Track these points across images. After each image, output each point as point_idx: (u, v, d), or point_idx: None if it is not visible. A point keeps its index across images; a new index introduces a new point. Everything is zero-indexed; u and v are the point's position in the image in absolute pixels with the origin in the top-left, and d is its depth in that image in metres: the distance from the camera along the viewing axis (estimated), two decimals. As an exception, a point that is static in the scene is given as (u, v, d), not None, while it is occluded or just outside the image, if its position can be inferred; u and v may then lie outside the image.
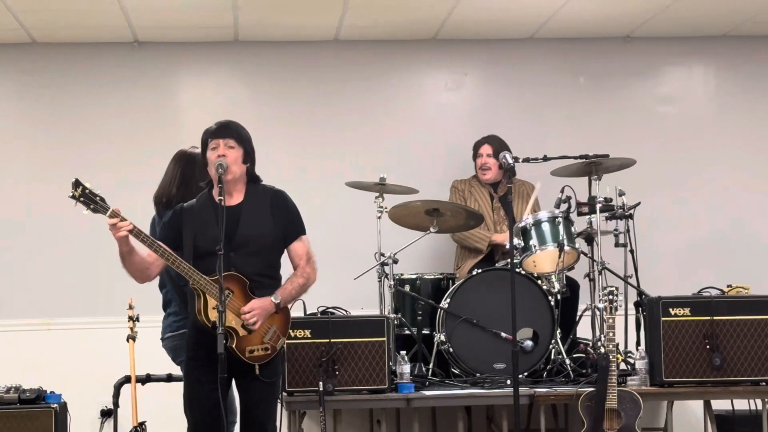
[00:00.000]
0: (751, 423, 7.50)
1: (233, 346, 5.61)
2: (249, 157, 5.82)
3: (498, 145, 8.20)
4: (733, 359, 7.19)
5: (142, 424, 7.06)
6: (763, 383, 7.22)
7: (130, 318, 7.12)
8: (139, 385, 7.17)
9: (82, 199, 5.54)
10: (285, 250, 5.89)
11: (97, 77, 8.84)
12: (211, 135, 5.80)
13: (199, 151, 5.99)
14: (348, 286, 7.90)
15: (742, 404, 7.78)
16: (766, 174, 9.05)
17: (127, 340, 7.08)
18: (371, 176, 7.90)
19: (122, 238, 5.56)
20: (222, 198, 5.61)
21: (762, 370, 7.19)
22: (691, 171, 9.03)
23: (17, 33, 8.45)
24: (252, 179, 5.88)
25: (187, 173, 6.38)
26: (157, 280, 6.27)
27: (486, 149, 8.30)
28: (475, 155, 8.37)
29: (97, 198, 5.56)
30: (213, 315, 5.54)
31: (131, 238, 5.61)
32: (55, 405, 6.94)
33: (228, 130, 5.81)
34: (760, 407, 7.34)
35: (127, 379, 7.30)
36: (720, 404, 7.81)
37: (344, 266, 7.95)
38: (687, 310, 7.23)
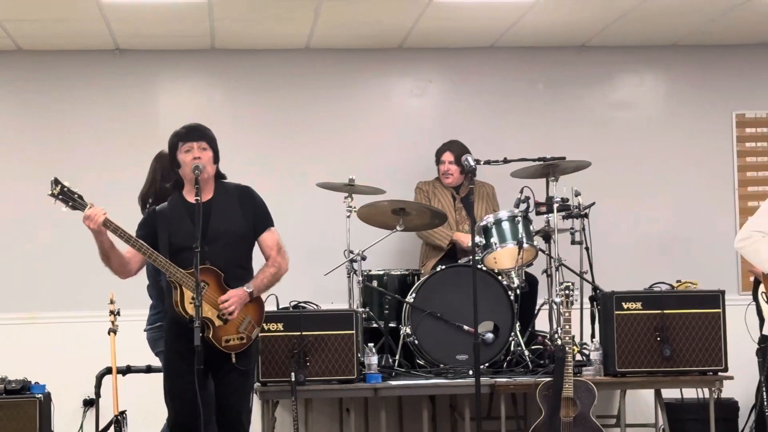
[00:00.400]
0: (699, 411, 7.56)
1: (210, 336, 5.62)
2: (217, 156, 5.86)
3: (459, 151, 8.19)
4: (682, 350, 7.24)
5: (122, 413, 7.05)
6: (710, 373, 7.28)
7: (111, 312, 7.11)
8: (119, 376, 7.16)
9: (60, 196, 5.57)
10: (256, 243, 5.92)
11: (80, 83, 8.81)
12: (182, 138, 5.82)
13: None
14: (319, 282, 7.92)
15: (690, 393, 7.83)
16: (712, 176, 9.10)
17: (109, 333, 7.07)
18: (341, 177, 7.92)
19: (100, 232, 5.56)
20: (199, 198, 5.63)
21: (709, 361, 7.25)
22: (643, 173, 9.07)
23: (3, 41, 8.42)
24: (218, 176, 5.91)
25: (165, 172, 6.38)
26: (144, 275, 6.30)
27: (447, 156, 8.31)
28: (438, 161, 8.39)
29: (75, 195, 5.57)
30: (190, 307, 5.56)
31: (112, 238, 5.62)
32: (40, 395, 6.94)
33: (199, 133, 5.84)
34: (707, 396, 7.40)
35: (108, 371, 7.29)
36: (670, 393, 7.86)
37: (315, 263, 7.97)
38: (639, 304, 7.29)
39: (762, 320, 7.41)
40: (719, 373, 7.29)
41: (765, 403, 6.85)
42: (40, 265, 8.61)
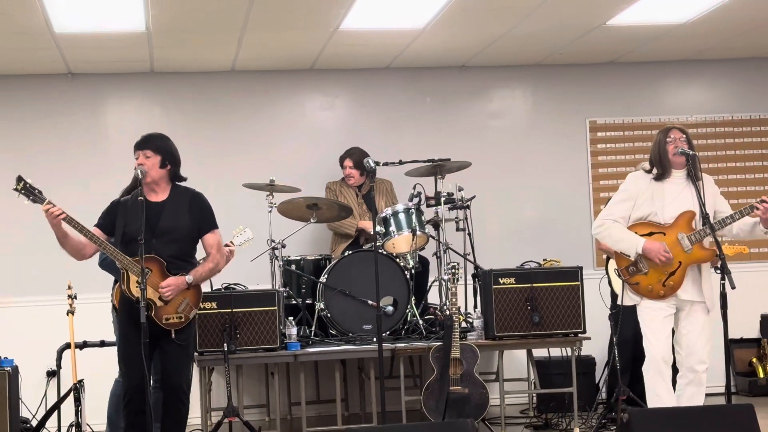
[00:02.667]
0: (563, 366, 7.63)
1: (152, 314, 5.60)
2: (167, 162, 5.79)
3: (358, 157, 8.18)
4: (548, 317, 7.31)
5: (80, 381, 6.96)
6: (572, 335, 7.36)
7: (69, 296, 6.99)
8: (77, 350, 7.05)
9: (23, 191, 5.52)
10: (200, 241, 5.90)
11: (38, 102, 8.64)
12: (135, 147, 5.82)
13: None
14: (246, 266, 7.86)
15: (556, 351, 7.91)
16: (571, 172, 9.17)
17: (67, 314, 6.96)
18: (263, 178, 7.87)
19: (57, 224, 5.52)
20: (142, 196, 5.61)
21: (570, 325, 7.33)
22: (514, 171, 9.13)
23: (-30, 67, 8.27)
24: (176, 179, 5.84)
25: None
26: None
27: (348, 163, 8.31)
28: (341, 166, 8.38)
29: (36, 191, 5.53)
30: (135, 290, 5.54)
31: (66, 227, 5.58)
32: (9, 368, 6.79)
33: (145, 143, 5.80)
34: (569, 353, 7.48)
35: (67, 346, 7.18)
36: (539, 352, 7.93)
37: (243, 251, 7.90)
38: (512, 280, 7.33)
39: (613, 291, 7.51)
40: (579, 335, 7.37)
41: (616, 358, 6.96)
42: (9, 258, 8.45)
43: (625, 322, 6.55)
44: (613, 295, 7.51)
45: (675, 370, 6.10)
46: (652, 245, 5.97)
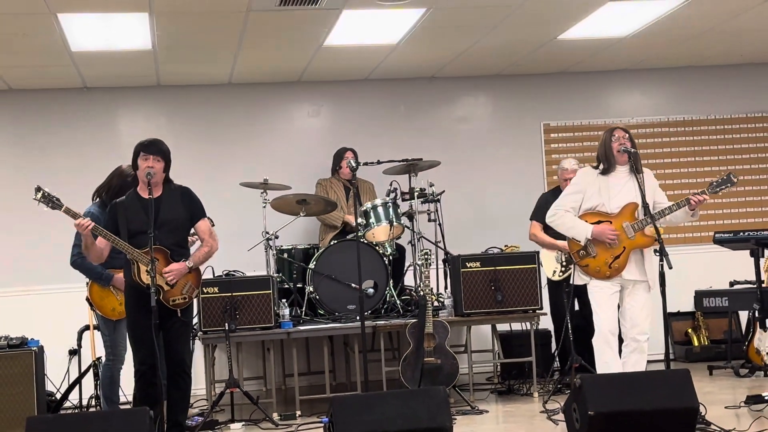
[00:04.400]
0: (523, 338, 7.65)
1: (161, 298, 5.59)
2: (168, 166, 5.79)
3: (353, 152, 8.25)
4: (510, 296, 7.33)
5: (98, 359, 6.94)
6: (530, 311, 7.38)
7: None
8: (95, 331, 7.03)
9: (42, 200, 5.49)
10: (193, 229, 5.90)
11: (57, 113, 8.61)
12: (144, 149, 5.77)
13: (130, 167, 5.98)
14: (244, 255, 7.87)
15: (516, 326, 7.93)
16: (528, 169, 9.19)
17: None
18: (258, 178, 7.86)
19: (87, 234, 5.54)
20: (151, 195, 5.60)
21: (529, 302, 7.36)
22: (479, 168, 9.14)
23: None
24: (166, 180, 5.86)
25: (114, 182, 6.34)
26: None
27: (350, 154, 8.27)
28: (341, 158, 8.28)
29: (54, 198, 5.50)
30: (145, 278, 5.53)
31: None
32: (35, 348, 6.77)
33: (156, 149, 5.77)
34: (528, 327, 7.50)
35: (86, 328, 7.18)
36: (502, 326, 7.96)
37: (240, 242, 7.90)
38: (478, 264, 7.36)
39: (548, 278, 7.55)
40: (536, 311, 7.40)
41: (569, 331, 6.99)
42: (33, 252, 8.41)
43: (560, 298, 6.68)
44: (549, 282, 7.55)
45: (621, 341, 6.13)
46: (600, 228, 6.01)
